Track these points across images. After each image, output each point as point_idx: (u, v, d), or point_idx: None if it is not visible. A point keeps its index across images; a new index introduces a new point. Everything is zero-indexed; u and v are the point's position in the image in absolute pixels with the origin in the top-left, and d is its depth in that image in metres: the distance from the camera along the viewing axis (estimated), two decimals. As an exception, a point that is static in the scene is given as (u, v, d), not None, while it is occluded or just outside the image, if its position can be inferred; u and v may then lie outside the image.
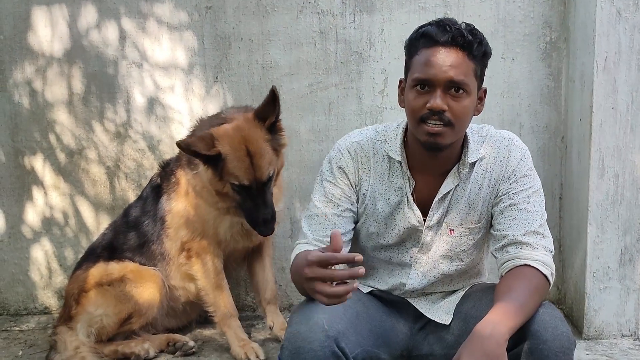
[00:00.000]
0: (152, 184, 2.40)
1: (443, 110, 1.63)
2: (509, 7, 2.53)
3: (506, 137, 1.81)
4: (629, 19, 2.24)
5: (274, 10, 2.56)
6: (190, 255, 2.28)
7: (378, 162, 1.82)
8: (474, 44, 1.64)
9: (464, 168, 1.76)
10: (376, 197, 1.81)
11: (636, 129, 2.29)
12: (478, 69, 1.66)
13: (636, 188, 2.32)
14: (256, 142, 2.02)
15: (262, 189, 2.05)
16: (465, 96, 1.65)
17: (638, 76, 2.27)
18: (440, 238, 1.82)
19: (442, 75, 1.62)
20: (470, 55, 1.64)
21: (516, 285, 1.61)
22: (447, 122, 1.64)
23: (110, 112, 2.65)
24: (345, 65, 2.59)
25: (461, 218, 1.80)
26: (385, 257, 1.88)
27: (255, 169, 2.02)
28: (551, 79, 2.58)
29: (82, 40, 2.61)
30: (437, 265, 1.84)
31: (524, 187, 1.75)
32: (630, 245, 2.36)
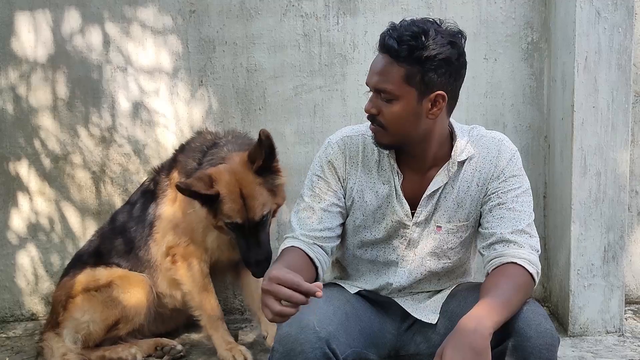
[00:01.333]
0: (143, 189, 2.39)
1: (373, 114, 1.68)
2: (490, 9, 2.55)
3: (496, 137, 1.83)
4: (608, 19, 2.27)
5: (258, 13, 2.57)
6: (175, 260, 2.27)
7: (368, 155, 1.83)
8: (398, 50, 1.62)
9: (453, 166, 1.78)
10: (364, 190, 1.83)
11: (617, 128, 2.32)
12: (414, 74, 1.64)
13: (618, 186, 2.35)
14: (249, 185, 2.05)
15: (256, 229, 2.08)
16: (394, 102, 1.67)
17: (618, 75, 2.30)
18: (428, 235, 1.83)
19: (370, 81, 1.70)
20: (397, 60, 1.64)
21: (502, 282, 1.63)
22: (379, 124, 1.70)
23: (95, 117, 2.65)
24: (330, 68, 2.61)
25: (449, 216, 1.82)
26: (372, 257, 1.89)
27: (248, 210, 2.05)
28: (533, 79, 2.60)
29: (66, 45, 2.60)
30: (424, 262, 1.85)
31: (513, 187, 1.77)
32: (613, 243, 2.39)
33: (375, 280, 1.91)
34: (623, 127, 2.32)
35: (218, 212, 2.07)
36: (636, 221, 2.67)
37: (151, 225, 2.30)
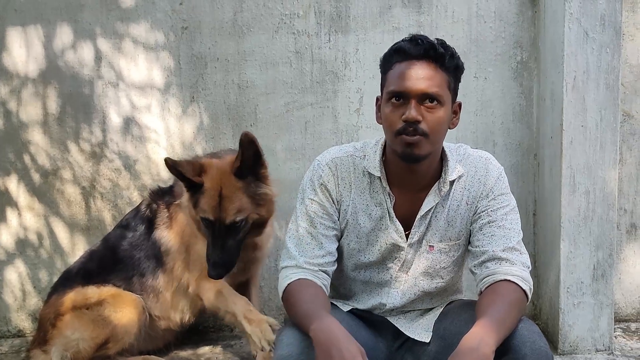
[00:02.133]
0: (141, 215, 2.36)
1: (418, 121, 1.66)
2: (480, 28, 2.58)
3: (483, 156, 1.85)
4: (596, 39, 2.29)
5: (250, 30, 2.58)
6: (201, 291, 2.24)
7: (359, 177, 1.83)
8: (445, 56, 1.67)
9: (445, 186, 1.78)
10: (357, 212, 1.82)
11: (605, 146, 2.34)
12: (451, 81, 1.70)
13: (607, 204, 2.37)
14: (229, 186, 2.03)
15: (224, 231, 2.03)
16: (439, 107, 1.68)
17: (606, 95, 2.32)
18: (421, 255, 1.84)
19: (416, 87, 1.66)
20: (443, 67, 1.68)
21: (497, 300, 1.64)
22: (422, 132, 1.67)
23: (85, 132, 2.64)
24: (321, 85, 2.62)
25: (441, 235, 1.82)
26: (365, 278, 1.89)
27: (221, 210, 2.03)
28: (523, 97, 2.63)
29: (57, 61, 2.60)
30: (417, 282, 1.85)
31: (502, 205, 1.79)
32: (602, 261, 2.40)
33: (368, 301, 1.91)
34: (611, 146, 2.34)
35: (197, 204, 2.05)
36: (625, 239, 2.69)
37: (157, 256, 2.28)
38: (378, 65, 2.52)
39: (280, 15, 2.58)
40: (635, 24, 2.56)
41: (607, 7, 2.28)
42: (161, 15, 2.57)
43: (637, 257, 2.69)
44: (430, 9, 2.57)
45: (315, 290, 1.71)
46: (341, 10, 2.57)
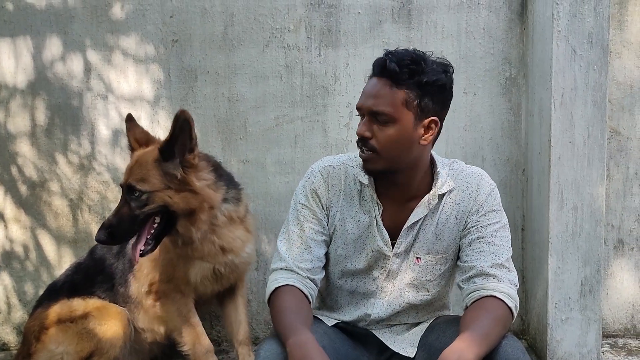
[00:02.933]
0: None
1: (366, 137, 1.69)
2: (470, 44, 2.60)
3: (476, 172, 1.86)
4: (584, 57, 2.32)
5: (240, 44, 2.59)
6: (158, 297, 2.23)
7: (349, 185, 1.85)
8: (401, 73, 1.66)
9: (434, 199, 1.79)
10: (345, 219, 1.83)
11: (593, 163, 2.36)
12: (413, 98, 1.67)
13: (594, 220, 2.38)
14: (144, 156, 2.00)
15: (124, 195, 1.98)
16: (390, 125, 1.69)
17: (594, 111, 2.34)
18: (407, 266, 1.84)
19: (364, 103, 1.71)
20: (397, 84, 1.67)
21: (482, 316, 1.64)
22: (372, 148, 1.71)
23: (74, 144, 2.63)
24: (311, 99, 2.62)
25: (428, 248, 1.82)
26: (351, 287, 1.89)
27: (127, 172, 2.00)
28: (511, 113, 2.64)
29: (46, 72, 2.59)
30: (402, 294, 1.86)
31: (492, 222, 1.79)
32: (590, 276, 2.41)
33: (354, 312, 1.90)
34: (599, 163, 2.36)
35: None
36: (613, 255, 2.70)
37: (130, 263, 2.25)
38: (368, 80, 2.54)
39: (271, 29, 2.58)
40: (623, 42, 2.59)
41: (595, 25, 2.30)
42: (151, 27, 2.57)
43: (625, 272, 2.70)
44: (420, 24, 2.59)
45: (300, 300, 1.73)
46: (332, 25, 2.59)
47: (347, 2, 2.57)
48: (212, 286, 2.26)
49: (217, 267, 2.17)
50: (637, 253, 2.70)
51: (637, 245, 2.70)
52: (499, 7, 2.58)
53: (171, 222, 2.01)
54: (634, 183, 2.66)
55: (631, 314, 2.74)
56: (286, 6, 2.57)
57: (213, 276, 2.21)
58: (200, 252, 2.12)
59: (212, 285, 2.25)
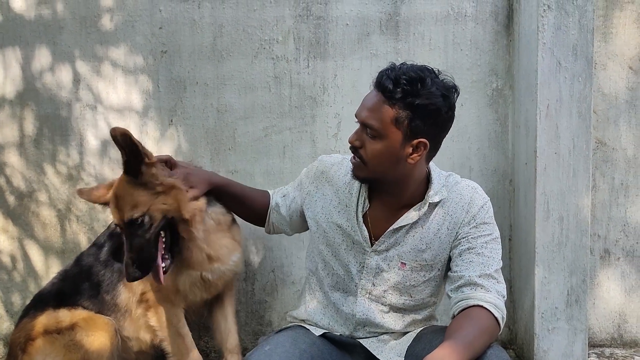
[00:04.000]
0: (111, 232, 2.33)
1: (356, 146, 1.74)
2: (456, 55, 2.62)
3: (471, 185, 1.90)
4: (568, 69, 2.34)
5: (229, 55, 2.60)
6: (149, 306, 2.22)
7: (346, 177, 1.94)
8: (393, 91, 1.69)
9: (424, 206, 1.82)
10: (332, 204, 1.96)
11: (578, 173, 2.38)
12: (404, 118, 1.70)
13: (580, 230, 2.40)
14: (119, 186, 2.00)
15: (127, 231, 1.98)
16: (378, 140, 1.73)
17: (579, 123, 2.36)
18: (391, 270, 1.87)
19: (359, 114, 1.78)
20: (391, 102, 1.70)
21: (466, 325, 1.66)
22: (360, 157, 1.77)
23: (62, 155, 2.63)
24: (300, 110, 2.64)
25: (415, 254, 1.85)
26: (333, 282, 1.95)
27: (118, 210, 1.99)
28: (498, 124, 2.66)
29: (35, 83, 2.60)
30: (386, 295, 1.89)
31: (483, 234, 1.82)
32: (576, 286, 2.42)
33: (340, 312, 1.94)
34: (584, 173, 2.38)
35: None
36: (599, 265, 2.72)
37: (120, 270, 2.25)
38: (356, 90, 2.57)
39: (260, 40, 2.60)
40: (607, 54, 2.62)
41: (579, 38, 2.33)
42: (140, 39, 2.58)
43: (611, 282, 2.72)
44: (408, 36, 2.61)
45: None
46: (320, 37, 2.60)
47: (335, 14, 2.59)
48: (201, 294, 2.26)
49: (204, 274, 2.17)
50: (624, 263, 2.72)
51: (623, 255, 2.72)
52: (485, 20, 2.60)
53: (174, 232, 2.05)
54: (619, 193, 2.69)
55: (618, 323, 2.75)
56: (275, 18, 2.59)
57: (201, 284, 2.21)
58: (188, 261, 2.13)
59: (201, 293, 2.25)
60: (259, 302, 2.70)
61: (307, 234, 2.11)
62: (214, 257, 2.17)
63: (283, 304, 2.69)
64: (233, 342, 2.37)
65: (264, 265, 2.68)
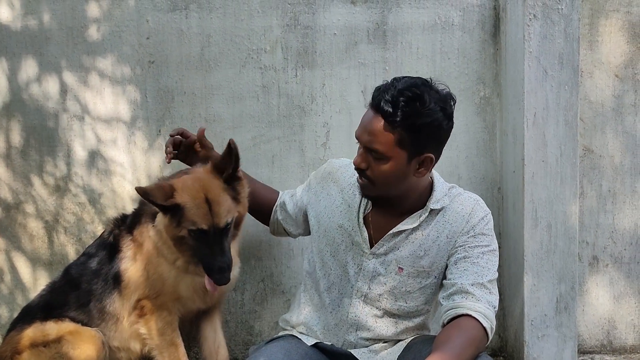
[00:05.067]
0: (101, 241, 2.32)
1: (362, 168, 1.75)
2: (444, 64, 2.63)
3: (473, 197, 1.94)
4: (555, 77, 2.36)
5: (217, 65, 2.60)
6: (143, 313, 2.19)
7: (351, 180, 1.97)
8: (393, 115, 1.69)
9: (425, 212, 1.84)
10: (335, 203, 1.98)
11: (566, 181, 2.39)
12: (406, 138, 1.72)
13: (568, 238, 2.41)
14: (214, 191, 2.04)
15: (220, 236, 2.03)
16: (383, 162, 1.75)
17: (565, 131, 2.38)
18: (388, 274, 1.89)
19: (361, 138, 1.79)
20: (391, 125, 1.70)
21: (455, 335, 1.67)
22: (367, 178, 1.78)
23: (49, 166, 2.61)
24: (288, 119, 2.64)
25: (413, 260, 1.86)
26: (329, 283, 1.96)
27: (213, 215, 2.02)
28: (486, 132, 2.67)
29: (21, 94, 2.58)
30: (381, 299, 1.90)
31: (480, 244, 1.84)
32: (565, 294, 2.43)
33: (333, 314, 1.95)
34: (571, 180, 2.39)
35: (181, 221, 2.02)
36: (588, 271, 2.73)
37: (115, 279, 2.23)
38: (344, 100, 2.58)
39: (248, 50, 2.60)
40: (594, 62, 2.64)
41: (565, 47, 2.35)
42: (128, 49, 2.58)
43: (600, 289, 2.73)
44: (395, 45, 2.62)
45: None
46: (308, 46, 2.61)
47: (323, 23, 2.60)
48: (199, 303, 2.25)
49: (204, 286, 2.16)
50: (612, 269, 2.73)
51: (612, 262, 2.73)
52: (472, 28, 2.62)
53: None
54: (607, 200, 2.70)
55: (607, 330, 2.76)
56: (262, 27, 2.59)
57: (202, 292, 2.20)
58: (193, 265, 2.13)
59: (199, 301, 2.24)
60: (249, 312, 2.69)
61: (301, 240, 2.12)
62: None
63: (273, 313, 2.68)
64: (224, 354, 2.36)
65: (254, 275, 2.67)
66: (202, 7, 2.57)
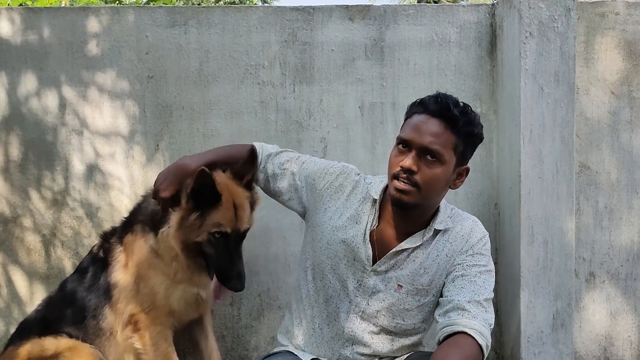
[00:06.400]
0: (92, 256, 2.33)
1: (413, 171, 1.75)
2: (441, 80, 2.65)
3: (472, 218, 1.97)
4: (551, 94, 2.38)
5: (216, 80, 2.61)
6: (137, 328, 2.19)
7: (357, 194, 1.97)
8: (459, 120, 1.77)
9: (429, 232, 1.86)
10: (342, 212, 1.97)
11: (562, 198, 2.40)
12: (460, 145, 1.79)
13: (564, 254, 2.42)
14: (240, 196, 2.09)
15: (239, 242, 2.09)
16: (438, 165, 1.77)
17: (562, 148, 2.39)
18: (387, 291, 1.89)
19: (419, 139, 1.77)
20: (454, 129, 1.77)
21: (451, 353, 1.68)
22: (415, 183, 1.77)
23: (47, 180, 2.62)
24: (286, 134, 2.65)
25: (413, 278, 1.87)
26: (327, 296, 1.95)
27: (237, 220, 2.06)
28: (483, 148, 2.68)
29: (20, 108, 2.59)
30: (378, 315, 1.90)
31: (478, 263, 1.86)
32: (561, 310, 2.43)
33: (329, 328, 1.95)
34: (567, 197, 2.40)
35: (206, 220, 2.02)
36: (584, 288, 2.73)
37: (106, 293, 2.23)
38: (342, 115, 2.59)
39: (246, 65, 2.62)
40: (590, 79, 2.66)
41: (561, 64, 2.37)
42: (127, 64, 2.59)
43: (597, 305, 2.73)
44: (393, 61, 2.64)
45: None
46: (306, 62, 2.62)
47: (320, 39, 2.62)
48: (192, 314, 2.26)
49: (200, 292, 2.18)
50: (609, 286, 2.73)
51: (609, 278, 2.73)
52: (469, 45, 2.64)
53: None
54: (604, 216, 2.71)
55: (604, 346, 2.76)
56: (261, 43, 2.61)
57: (195, 302, 2.21)
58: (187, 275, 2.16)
59: (192, 312, 2.26)
60: (245, 327, 2.69)
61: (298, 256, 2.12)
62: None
63: (269, 328, 2.68)
64: (217, 358, 2.37)
65: (250, 290, 2.67)
66: (201, 23, 2.59)
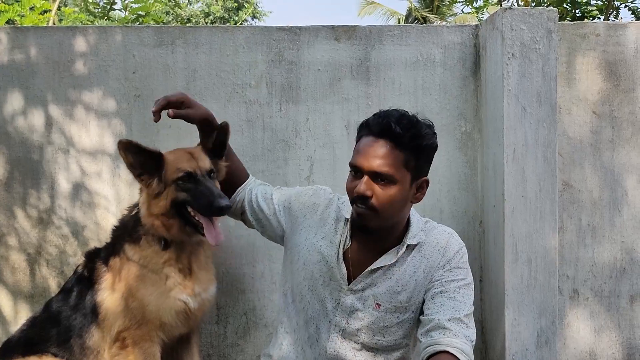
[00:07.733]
0: (77, 276, 2.31)
1: (367, 196, 1.75)
2: (426, 100, 2.68)
3: (447, 230, 1.97)
4: (533, 114, 2.41)
5: (203, 99, 2.63)
6: (125, 345, 2.17)
7: (331, 213, 1.99)
8: (403, 137, 1.76)
9: (402, 248, 1.85)
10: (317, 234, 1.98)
11: (545, 216, 2.43)
12: (411, 160, 1.78)
13: (548, 272, 2.44)
14: (196, 150, 2.22)
15: (207, 178, 2.14)
16: (391, 185, 1.77)
17: (544, 167, 2.42)
18: (366, 309, 1.90)
19: (367, 164, 1.77)
20: (400, 146, 1.76)
21: None
22: (371, 207, 1.77)
23: (33, 198, 2.61)
24: (272, 153, 2.66)
25: (390, 295, 1.88)
26: (307, 317, 1.96)
27: (197, 160, 2.16)
28: (468, 166, 2.71)
29: (6, 126, 2.59)
30: (359, 333, 1.91)
31: (456, 278, 1.87)
32: (545, 328, 2.45)
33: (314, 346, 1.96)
34: (550, 216, 2.43)
35: (166, 176, 2.12)
36: (569, 305, 2.75)
37: (93, 312, 2.21)
38: (328, 134, 2.60)
39: (233, 84, 2.64)
40: (572, 99, 2.70)
41: (543, 85, 2.40)
42: (114, 83, 2.60)
43: (581, 322, 2.76)
44: (378, 81, 2.67)
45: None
46: (292, 81, 2.65)
47: (307, 59, 2.65)
48: (181, 327, 2.24)
49: (189, 303, 2.18)
50: (592, 303, 2.76)
51: (592, 295, 2.76)
52: (453, 65, 2.67)
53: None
54: (587, 234, 2.74)
55: (588, 363, 2.78)
56: (247, 63, 2.63)
57: (184, 315, 2.20)
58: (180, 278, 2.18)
59: (182, 325, 2.23)
60: (231, 345, 2.68)
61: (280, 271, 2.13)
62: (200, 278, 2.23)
63: (256, 347, 2.67)
64: None
65: (236, 308, 2.67)
66: (188, 42, 2.61)
